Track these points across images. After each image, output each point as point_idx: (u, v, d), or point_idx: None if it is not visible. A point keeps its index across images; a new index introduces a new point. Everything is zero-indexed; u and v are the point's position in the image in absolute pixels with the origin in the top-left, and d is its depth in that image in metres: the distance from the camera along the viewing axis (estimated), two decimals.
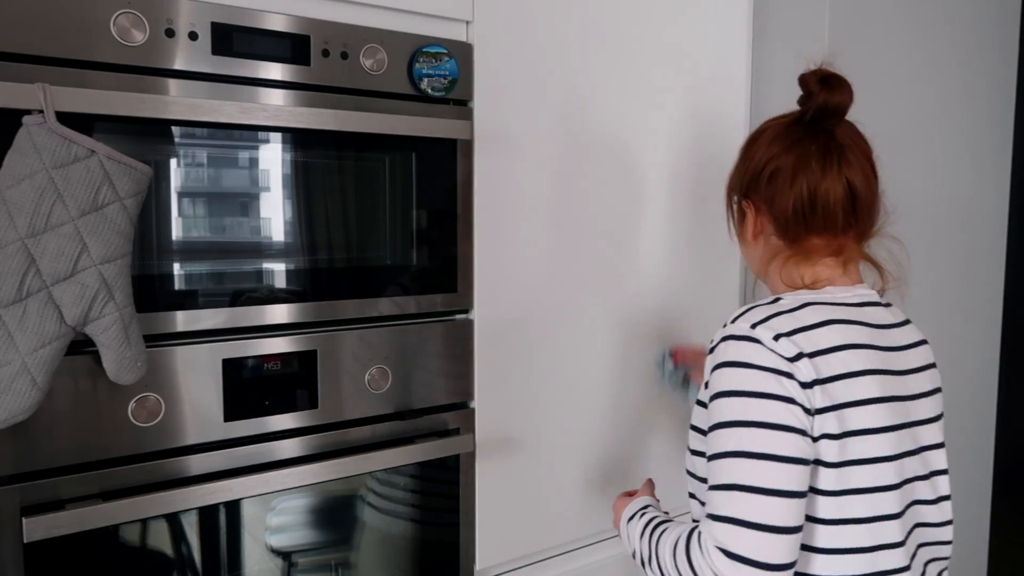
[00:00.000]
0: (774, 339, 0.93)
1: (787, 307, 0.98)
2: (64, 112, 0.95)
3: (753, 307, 0.99)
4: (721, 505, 0.88)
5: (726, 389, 0.93)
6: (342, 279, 1.21)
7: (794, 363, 0.92)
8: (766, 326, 0.94)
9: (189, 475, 1.10)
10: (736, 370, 0.93)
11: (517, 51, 1.36)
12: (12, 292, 0.93)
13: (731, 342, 0.95)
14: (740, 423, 0.90)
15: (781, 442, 0.89)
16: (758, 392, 0.91)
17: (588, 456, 1.53)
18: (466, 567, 1.39)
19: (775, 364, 0.92)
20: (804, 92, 1.06)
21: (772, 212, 1.04)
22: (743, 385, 0.92)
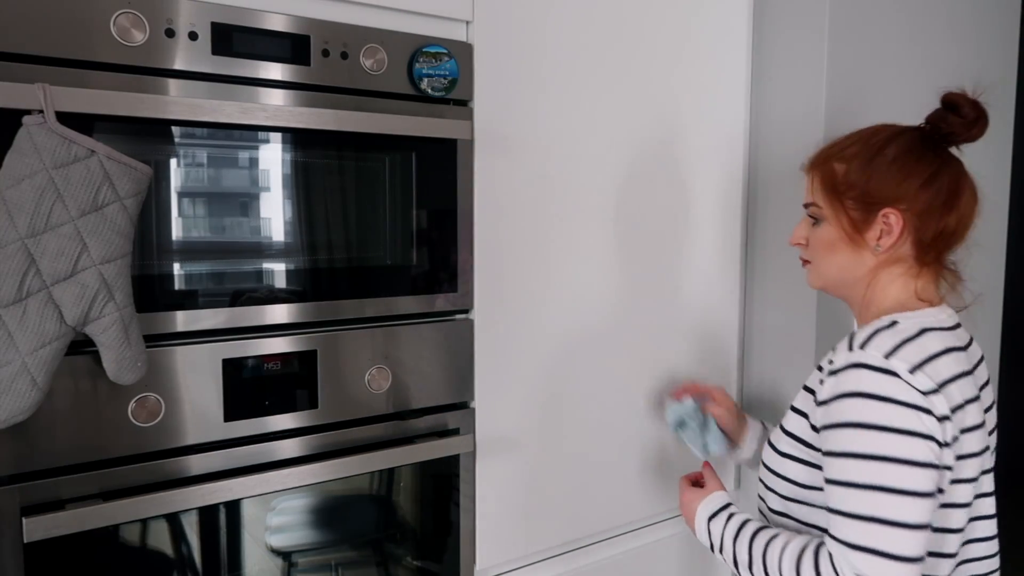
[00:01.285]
0: (910, 372, 0.93)
1: (910, 334, 0.98)
2: (64, 112, 0.95)
3: (876, 332, 0.98)
4: (859, 535, 0.91)
5: (859, 421, 0.93)
6: (342, 279, 1.21)
7: (930, 397, 0.93)
8: (900, 357, 0.94)
9: (189, 475, 1.10)
10: (872, 402, 0.93)
11: (517, 51, 1.36)
12: (12, 292, 0.93)
13: (865, 371, 0.94)
14: (877, 457, 0.91)
15: (921, 479, 0.91)
16: (897, 428, 0.91)
17: (588, 456, 1.53)
18: (466, 567, 1.39)
19: (914, 400, 0.92)
20: (958, 116, 1.03)
21: (920, 228, 1.03)
22: (880, 419, 0.92)
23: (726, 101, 1.67)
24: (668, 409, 1.38)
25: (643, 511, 1.63)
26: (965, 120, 1.02)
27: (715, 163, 1.66)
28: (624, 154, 1.52)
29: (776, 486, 1.10)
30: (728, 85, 1.66)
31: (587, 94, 1.45)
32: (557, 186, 1.43)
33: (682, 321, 1.64)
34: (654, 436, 1.63)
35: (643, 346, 1.59)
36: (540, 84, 1.39)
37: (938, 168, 1.03)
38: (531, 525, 1.47)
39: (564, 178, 1.44)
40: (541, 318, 1.44)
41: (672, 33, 1.56)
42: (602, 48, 1.47)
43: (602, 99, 1.48)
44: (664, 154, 1.58)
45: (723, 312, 1.70)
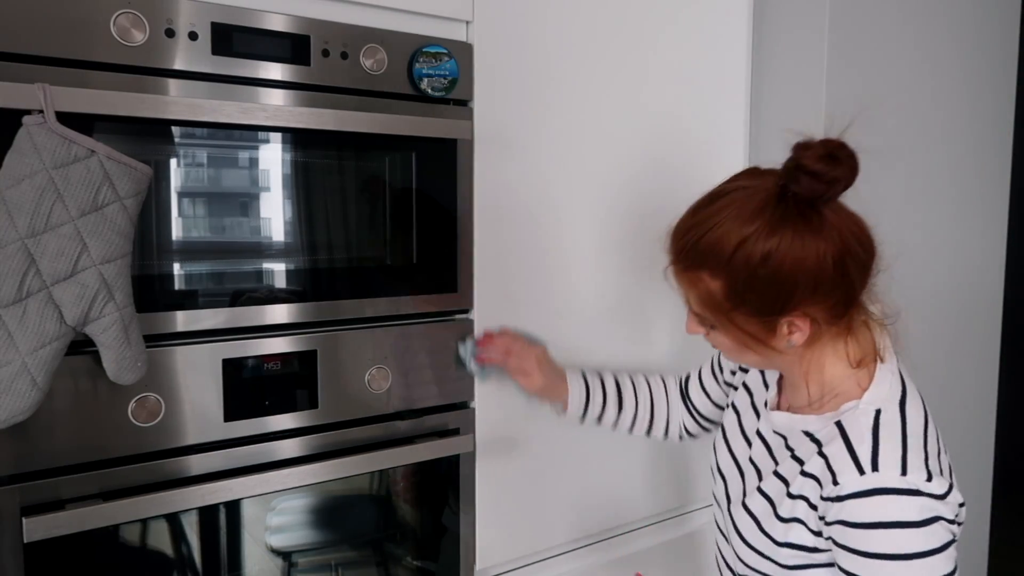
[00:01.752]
0: (927, 480, 0.88)
1: (898, 423, 0.92)
2: (64, 112, 0.95)
3: (877, 441, 0.90)
4: None
5: (894, 553, 0.87)
6: (342, 279, 1.21)
7: (946, 499, 0.89)
8: (913, 467, 0.88)
9: (189, 475, 1.10)
10: (900, 532, 0.87)
11: (517, 51, 1.36)
12: (12, 292, 0.93)
13: (887, 498, 0.87)
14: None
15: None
16: (930, 551, 0.87)
17: (588, 457, 1.53)
18: (466, 567, 1.39)
19: (935, 511, 0.88)
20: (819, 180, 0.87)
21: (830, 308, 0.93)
22: (905, 548, 0.87)
23: (726, 101, 1.67)
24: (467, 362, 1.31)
25: (644, 511, 1.63)
26: (819, 176, 0.86)
27: (715, 163, 1.66)
28: (624, 154, 1.52)
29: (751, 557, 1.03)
30: (728, 85, 1.66)
31: (587, 94, 1.45)
32: (557, 186, 1.43)
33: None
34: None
35: (643, 346, 1.59)
36: (540, 84, 1.39)
37: (823, 250, 0.89)
38: (531, 525, 1.47)
39: (564, 178, 1.44)
40: (541, 318, 1.44)
41: (672, 33, 1.56)
42: (602, 48, 1.47)
43: (602, 99, 1.48)
44: (664, 154, 1.58)
45: None
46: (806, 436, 0.99)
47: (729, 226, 0.90)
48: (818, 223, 0.89)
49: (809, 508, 0.95)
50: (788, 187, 0.89)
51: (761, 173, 0.94)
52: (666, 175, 1.58)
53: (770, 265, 0.89)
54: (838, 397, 0.98)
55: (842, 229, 0.90)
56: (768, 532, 1.00)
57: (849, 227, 0.91)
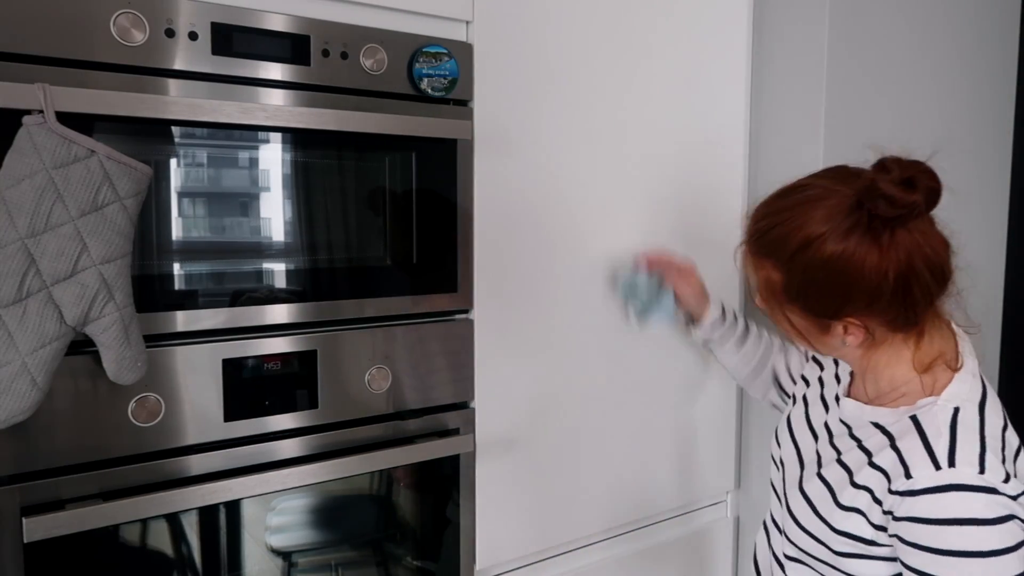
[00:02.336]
0: (1004, 482, 0.87)
1: (978, 423, 0.91)
2: (64, 112, 0.95)
3: (955, 438, 0.89)
4: None
5: (969, 550, 0.86)
6: (342, 279, 1.21)
7: (1020, 499, 0.88)
8: (991, 466, 0.87)
9: (189, 475, 1.10)
10: (976, 529, 0.86)
11: (517, 51, 1.36)
12: (12, 292, 0.93)
13: (965, 495, 0.87)
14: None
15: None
16: (1005, 549, 0.86)
17: (588, 456, 1.53)
18: (466, 567, 1.39)
19: (1010, 510, 0.87)
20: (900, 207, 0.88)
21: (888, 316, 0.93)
22: (981, 545, 0.86)
23: (726, 100, 1.67)
24: (621, 277, 1.33)
25: (644, 511, 1.63)
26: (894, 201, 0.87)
27: (716, 162, 1.66)
28: (624, 153, 1.52)
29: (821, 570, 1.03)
30: (728, 84, 1.66)
31: (587, 94, 1.45)
32: (557, 186, 1.43)
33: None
34: (655, 436, 1.63)
35: (644, 346, 1.59)
36: (540, 84, 1.39)
37: (884, 267, 0.89)
38: (531, 525, 1.47)
39: (564, 178, 1.44)
40: (541, 318, 1.44)
41: (672, 33, 1.56)
42: (602, 48, 1.47)
43: (602, 99, 1.48)
44: (664, 154, 1.58)
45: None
46: (876, 428, 0.98)
47: (799, 223, 0.91)
48: (888, 241, 0.89)
49: (872, 501, 0.94)
50: (864, 203, 0.89)
51: (846, 176, 0.94)
52: (666, 174, 1.58)
53: (829, 271, 0.90)
54: (905, 396, 0.97)
55: (913, 251, 0.90)
56: (825, 518, 0.99)
57: (922, 250, 0.90)
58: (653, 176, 1.56)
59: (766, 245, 0.96)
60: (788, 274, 0.94)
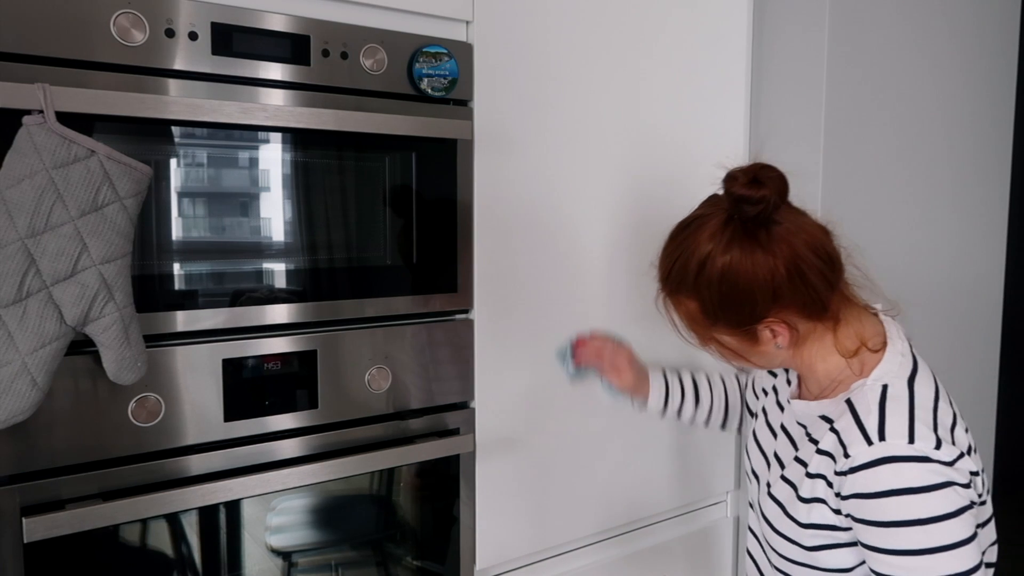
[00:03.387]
0: (936, 448, 0.91)
1: (906, 396, 0.96)
2: (64, 112, 0.95)
3: (884, 413, 0.94)
4: None
5: (907, 519, 0.90)
6: (342, 279, 1.21)
7: (956, 465, 0.92)
8: (921, 436, 0.92)
9: (189, 475, 1.10)
10: (912, 498, 0.90)
11: (517, 51, 1.36)
12: (12, 292, 0.93)
13: (896, 466, 0.91)
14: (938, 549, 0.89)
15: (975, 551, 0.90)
16: (944, 515, 0.90)
17: (588, 456, 1.53)
18: (466, 567, 1.39)
19: (948, 476, 0.90)
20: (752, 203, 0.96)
21: (802, 308, 0.98)
22: (926, 512, 0.90)
23: (726, 101, 1.67)
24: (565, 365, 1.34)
25: (644, 511, 1.63)
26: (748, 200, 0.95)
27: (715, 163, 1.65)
28: (624, 154, 1.52)
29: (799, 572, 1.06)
30: (728, 85, 1.66)
31: (587, 94, 1.45)
32: (557, 186, 1.43)
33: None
34: (656, 436, 1.63)
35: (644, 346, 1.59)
36: (540, 84, 1.39)
37: (772, 262, 0.95)
38: (531, 525, 1.47)
39: (564, 178, 1.44)
40: (541, 318, 1.44)
41: (672, 33, 1.56)
42: (602, 48, 1.47)
43: (602, 99, 1.48)
44: (664, 154, 1.58)
45: None
46: (822, 420, 1.03)
47: (691, 250, 1.00)
48: (766, 239, 0.96)
49: (827, 486, 0.98)
50: (732, 214, 0.98)
51: (717, 200, 1.03)
52: (666, 175, 1.58)
53: (728, 281, 0.97)
54: (841, 384, 1.03)
55: (792, 241, 0.97)
56: (792, 515, 1.03)
57: (801, 238, 0.97)
58: (653, 176, 1.56)
59: (674, 281, 1.03)
60: (699, 298, 1.00)
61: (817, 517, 1.00)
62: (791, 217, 0.98)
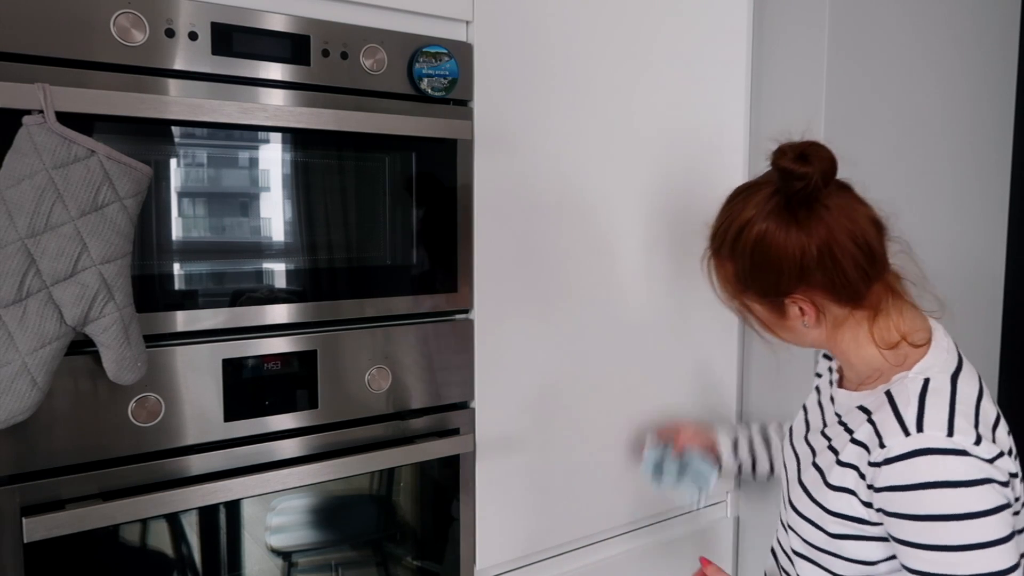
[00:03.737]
0: (976, 444, 0.90)
1: (948, 391, 0.95)
2: (64, 112, 0.95)
3: (924, 405, 0.94)
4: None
5: (943, 513, 0.89)
6: (342, 279, 1.21)
7: (996, 463, 0.91)
8: (960, 430, 0.91)
9: (189, 475, 1.10)
10: (951, 491, 0.89)
11: (517, 51, 1.36)
12: (12, 292, 0.93)
13: (934, 458, 0.90)
14: (973, 546, 0.88)
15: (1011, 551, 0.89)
16: (982, 512, 0.88)
17: (587, 456, 1.53)
18: (466, 567, 1.39)
19: (986, 473, 0.89)
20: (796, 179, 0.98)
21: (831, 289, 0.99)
22: (964, 507, 0.88)
23: (726, 100, 1.67)
24: (646, 457, 1.34)
25: (644, 511, 1.63)
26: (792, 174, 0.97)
27: (716, 161, 1.65)
28: (624, 154, 1.52)
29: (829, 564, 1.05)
30: (728, 84, 1.66)
31: (587, 94, 1.45)
32: (557, 185, 1.43)
33: (683, 319, 1.64)
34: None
35: (644, 345, 1.59)
36: (540, 84, 1.39)
37: (805, 241, 0.97)
38: (531, 525, 1.47)
39: (564, 177, 1.44)
40: (541, 318, 1.44)
41: (672, 33, 1.56)
42: (602, 48, 1.47)
43: (602, 99, 1.48)
44: (664, 153, 1.58)
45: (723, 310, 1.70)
46: (860, 410, 1.03)
47: (736, 214, 1.03)
48: (805, 217, 0.98)
49: (859, 478, 0.97)
50: (779, 188, 1.00)
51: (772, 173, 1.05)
52: (666, 174, 1.58)
53: (759, 250, 1.00)
54: (882, 376, 1.03)
55: (832, 225, 0.98)
56: (819, 501, 1.03)
57: (843, 224, 0.98)
58: (653, 176, 1.56)
59: (717, 241, 1.06)
60: (735, 261, 1.04)
61: (843, 507, 0.99)
62: (841, 203, 0.99)
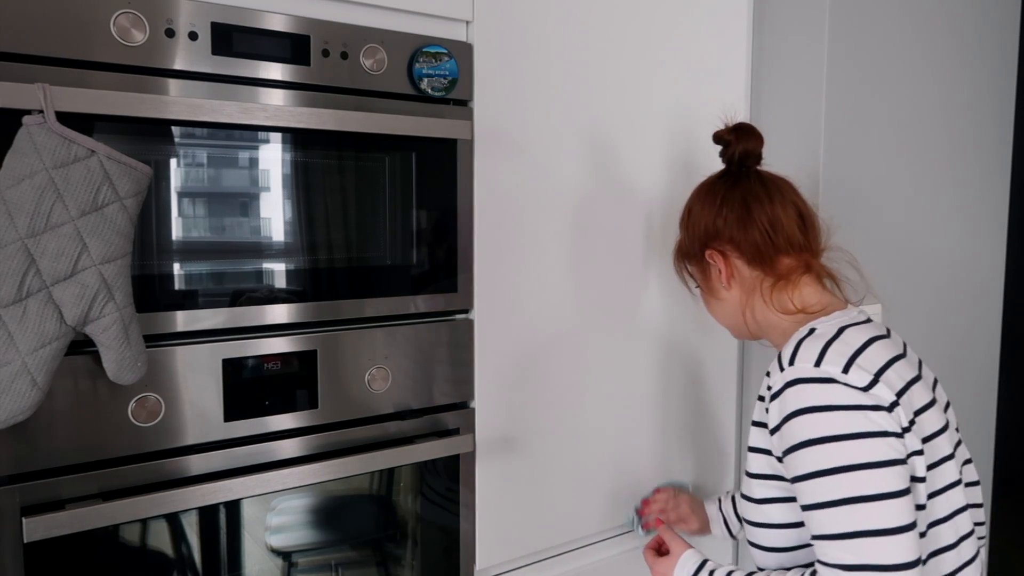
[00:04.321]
0: (844, 372, 0.93)
1: (830, 335, 0.99)
2: (64, 112, 0.95)
3: (799, 344, 0.99)
4: (849, 554, 0.88)
5: (812, 437, 0.92)
6: (342, 279, 1.21)
7: (871, 391, 0.92)
8: (829, 361, 0.94)
9: (189, 475, 1.10)
10: (817, 415, 0.92)
11: (517, 51, 1.36)
12: (12, 292, 0.93)
13: (802, 386, 0.94)
14: (841, 469, 0.89)
15: (891, 478, 0.89)
16: (849, 434, 0.90)
17: (588, 456, 1.53)
18: (466, 567, 1.39)
19: (857, 400, 0.92)
20: (722, 144, 1.19)
21: (740, 249, 1.12)
22: (830, 430, 0.91)
23: (726, 100, 1.66)
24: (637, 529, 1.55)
25: None
26: (733, 143, 1.16)
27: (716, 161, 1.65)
28: (624, 154, 1.52)
29: (763, 539, 1.09)
30: (728, 85, 1.66)
31: (587, 94, 1.46)
32: (557, 186, 1.43)
33: (684, 319, 1.64)
34: (655, 435, 1.63)
35: (645, 345, 1.59)
36: (540, 84, 1.39)
37: (725, 193, 1.14)
38: (531, 525, 1.47)
39: (564, 177, 1.44)
40: (541, 318, 1.44)
41: (672, 32, 1.56)
42: (602, 48, 1.47)
43: (602, 99, 1.48)
44: (664, 153, 1.58)
45: None
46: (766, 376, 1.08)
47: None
48: (733, 183, 1.15)
49: (768, 434, 1.02)
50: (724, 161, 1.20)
51: None
52: (666, 174, 1.58)
53: (693, 202, 1.20)
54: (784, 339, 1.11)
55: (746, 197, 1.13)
56: (746, 468, 1.09)
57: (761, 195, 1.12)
58: (653, 176, 1.57)
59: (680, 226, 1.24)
60: (680, 233, 1.22)
61: (763, 467, 1.04)
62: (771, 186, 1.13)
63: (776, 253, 1.11)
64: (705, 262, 1.16)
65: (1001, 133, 2.08)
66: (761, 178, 1.15)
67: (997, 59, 2.02)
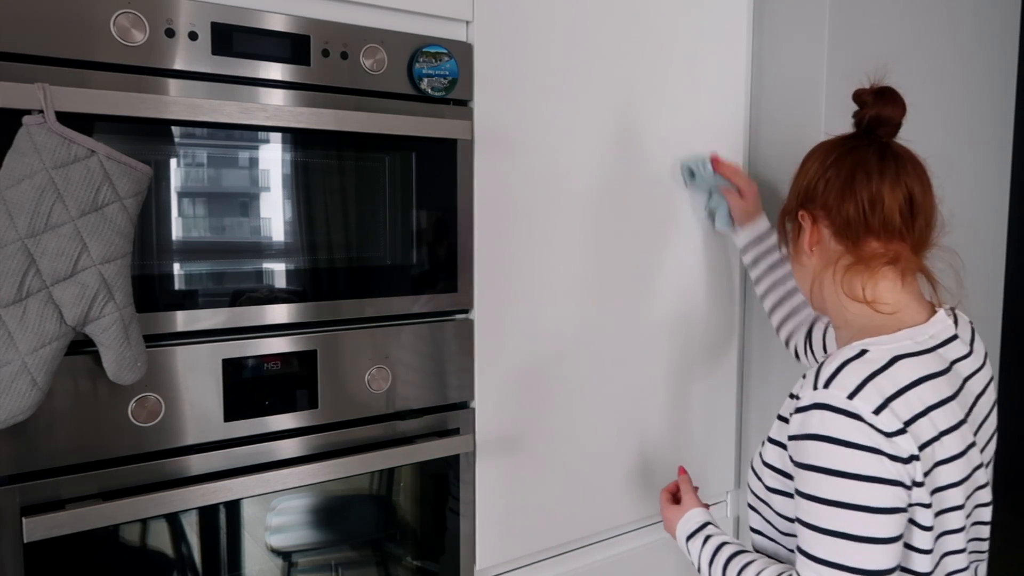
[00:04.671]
0: (875, 413, 0.90)
1: (879, 364, 0.94)
2: (64, 112, 0.95)
3: (844, 366, 0.94)
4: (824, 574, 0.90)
5: (821, 466, 0.91)
6: (342, 279, 1.21)
7: (895, 439, 0.90)
8: (864, 396, 0.90)
9: (189, 475, 1.10)
10: (835, 447, 0.90)
11: (517, 51, 1.36)
12: (12, 292, 0.93)
13: (827, 414, 0.91)
14: (843, 505, 0.89)
15: (887, 525, 0.89)
16: (861, 475, 0.89)
17: (588, 456, 1.53)
18: (466, 567, 1.39)
19: (877, 443, 0.89)
20: (859, 104, 1.09)
21: (830, 217, 1.06)
22: (844, 466, 0.89)
23: (726, 100, 1.66)
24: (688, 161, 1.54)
25: (644, 511, 1.63)
26: (869, 105, 1.07)
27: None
28: (624, 153, 1.52)
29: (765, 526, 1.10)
30: (728, 85, 1.66)
31: (587, 93, 1.45)
32: (557, 186, 1.43)
33: (684, 319, 1.64)
34: (655, 435, 1.63)
35: (645, 345, 1.59)
36: (540, 84, 1.39)
37: (837, 157, 1.06)
38: (531, 525, 1.47)
39: (564, 177, 1.44)
40: (541, 318, 1.44)
41: (672, 33, 1.56)
42: (602, 47, 1.47)
43: (602, 98, 1.48)
44: (665, 155, 1.58)
45: (724, 310, 1.70)
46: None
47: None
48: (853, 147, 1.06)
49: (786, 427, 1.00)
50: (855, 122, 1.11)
51: None
52: (665, 174, 1.58)
53: (801, 165, 1.13)
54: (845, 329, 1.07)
55: (856, 171, 1.04)
56: (761, 454, 1.07)
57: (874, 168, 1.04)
58: (653, 176, 1.56)
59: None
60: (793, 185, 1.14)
61: (776, 459, 1.03)
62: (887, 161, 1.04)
63: (866, 233, 1.04)
64: (797, 221, 1.11)
65: (1001, 133, 2.07)
66: (883, 150, 1.05)
67: (997, 59, 2.02)
